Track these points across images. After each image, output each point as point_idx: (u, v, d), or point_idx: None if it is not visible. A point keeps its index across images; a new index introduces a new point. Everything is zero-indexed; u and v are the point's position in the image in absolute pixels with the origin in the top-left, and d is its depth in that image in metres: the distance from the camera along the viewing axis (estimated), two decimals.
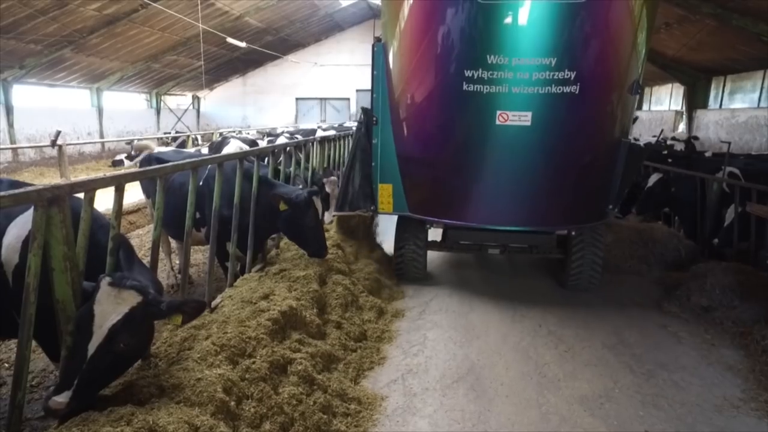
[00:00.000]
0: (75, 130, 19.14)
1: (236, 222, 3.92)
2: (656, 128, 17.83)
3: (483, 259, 6.10)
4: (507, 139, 4.15)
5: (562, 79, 3.92)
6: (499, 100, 4.06)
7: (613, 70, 4.16)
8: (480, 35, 4.00)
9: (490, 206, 4.50)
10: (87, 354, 2.02)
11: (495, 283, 5.23)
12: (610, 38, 4.04)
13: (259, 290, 3.49)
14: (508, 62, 3.93)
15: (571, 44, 3.94)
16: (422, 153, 4.62)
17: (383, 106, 4.78)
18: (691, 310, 4.44)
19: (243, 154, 4.12)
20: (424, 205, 4.79)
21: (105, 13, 14.15)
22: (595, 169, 4.51)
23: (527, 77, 3.95)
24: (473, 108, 4.17)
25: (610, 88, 4.23)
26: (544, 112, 4.05)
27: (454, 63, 4.16)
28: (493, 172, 4.36)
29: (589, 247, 4.81)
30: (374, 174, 4.89)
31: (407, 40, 4.42)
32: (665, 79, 16.56)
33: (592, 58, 4.02)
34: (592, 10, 3.85)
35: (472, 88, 4.07)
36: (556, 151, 4.25)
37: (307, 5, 20.56)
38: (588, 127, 4.28)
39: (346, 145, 8.32)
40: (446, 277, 5.33)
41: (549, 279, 5.39)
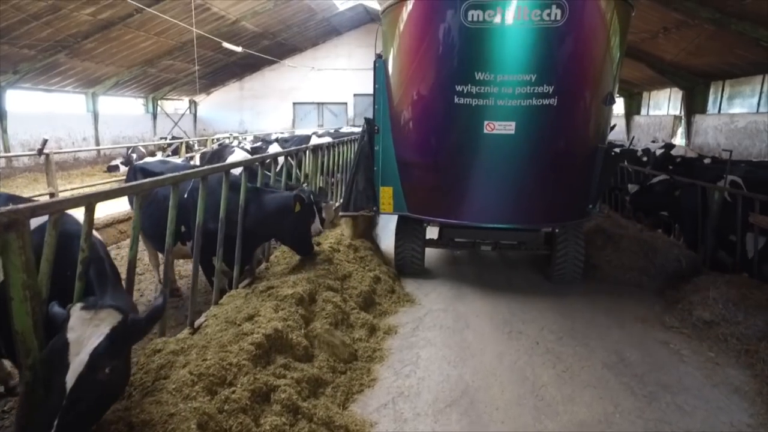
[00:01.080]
0: (70, 135, 19.01)
1: (222, 236, 3.78)
2: (655, 132, 17.77)
3: (480, 271, 5.96)
4: (494, 146, 4.67)
5: (541, 92, 4.45)
6: (487, 111, 4.57)
7: (587, 84, 4.72)
8: (468, 55, 4.54)
9: (481, 206, 4.95)
10: (65, 389, 1.81)
11: (492, 297, 5.08)
12: (583, 56, 4.60)
13: (244, 310, 3.35)
14: (493, 78, 4.46)
15: (549, 62, 4.46)
16: (419, 158, 5.13)
17: (384, 116, 5.31)
18: (694, 324, 4.30)
19: (228, 167, 3.98)
20: (421, 206, 5.27)
21: (99, 18, 14.04)
22: (575, 173, 5.00)
23: (511, 91, 4.48)
24: (464, 119, 4.68)
25: (585, 100, 4.76)
26: (527, 122, 4.56)
27: (446, 79, 4.67)
28: (482, 176, 4.85)
29: (572, 243, 5.31)
30: (376, 177, 5.42)
31: (404, 57, 4.98)
32: (663, 84, 16.49)
33: (568, 74, 4.55)
34: (567, 32, 4.38)
35: (462, 101, 4.60)
36: (538, 156, 4.75)
37: (304, 10, 20.49)
38: (566, 135, 4.79)
39: (341, 152, 8.17)
40: (442, 293, 5.18)
41: (547, 292, 5.24)
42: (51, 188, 7.18)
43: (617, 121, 21.30)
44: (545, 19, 4.29)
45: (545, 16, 4.28)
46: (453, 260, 6.41)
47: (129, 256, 2.73)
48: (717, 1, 8.66)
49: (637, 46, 13.14)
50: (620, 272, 5.62)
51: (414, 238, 5.48)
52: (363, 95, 26.47)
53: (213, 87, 27.10)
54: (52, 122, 17.97)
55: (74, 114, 19.35)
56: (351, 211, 5.53)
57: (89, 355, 1.87)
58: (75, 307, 2.00)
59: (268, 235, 4.47)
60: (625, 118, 20.03)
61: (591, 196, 5.18)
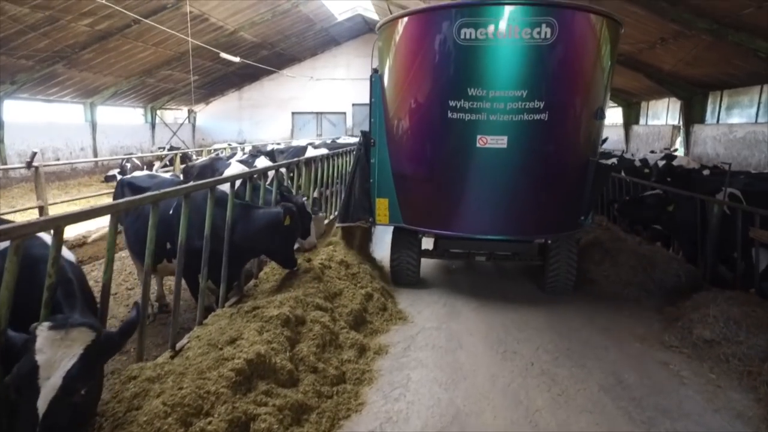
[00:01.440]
0: (68, 145, 18.99)
1: (207, 254, 3.67)
2: (654, 143, 17.71)
3: (475, 285, 5.84)
4: (487, 160, 4.78)
5: (532, 108, 4.55)
6: (479, 126, 4.67)
7: (577, 100, 4.85)
8: (461, 71, 4.65)
9: (475, 218, 5.03)
10: (38, 414, 1.72)
11: (486, 313, 4.96)
12: (573, 73, 4.72)
13: (228, 331, 3.23)
14: (485, 94, 4.57)
15: (540, 79, 4.58)
16: (414, 171, 5.23)
17: (380, 129, 5.43)
18: (694, 344, 4.16)
19: (213, 182, 3.89)
20: (416, 217, 5.35)
21: (97, 28, 14.07)
22: (566, 185, 5.10)
23: (503, 107, 4.58)
24: (457, 133, 4.79)
25: (576, 115, 4.87)
26: (518, 137, 4.68)
27: (440, 94, 4.79)
28: (476, 188, 4.95)
29: (564, 253, 5.37)
30: (372, 189, 5.51)
31: (399, 73, 5.13)
32: (661, 94, 16.47)
33: (558, 90, 4.68)
34: (557, 50, 4.50)
35: (455, 116, 4.70)
36: (530, 169, 4.87)
37: (302, 20, 20.59)
38: (557, 148, 4.91)
39: (336, 164, 8.09)
40: (435, 310, 5.05)
41: (544, 309, 5.12)
42: (40, 201, 7.09)
43: (616, 131, 21.31)
44: (535, 37, 4.39)
45: (535, 34, 4.38)
46: (448, 273, 6.29)
47: (103, 280, 2.62)
48: (714, 13, 8.63)
49: (635, 57, 13.13)
50: (618, 287, 5.50)
51: (409, 250, 5.54)
52: (361, 105, 26.50)
53: (212, 97, 27.18)
54: (49, 132, 17.96)
55: (72, 124, 19.35)
56: (348, 221, 5.61)
57: (63, 379, 1.79)
58: (42, 327, 1.89)
59: (257, 251, 4.38)
60: (624, 128, 20.00)
61: (583, 208, 5.26)
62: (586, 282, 5.68)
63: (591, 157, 5.11)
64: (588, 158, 5.08)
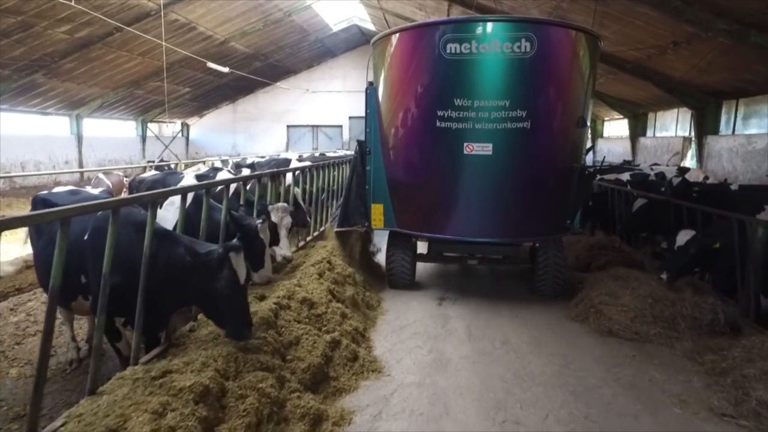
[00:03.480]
0: (51, 158, 18.28)
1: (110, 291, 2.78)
2: (662, 155, 16.84)
3: (470, 321, 4.89)
4: (473, 166, 5.05)
5: (515, 116, 4.85)
6: (466, 134, 4.96)
7: (557, 109, 5.13)
8: (448, 83, 4.95)
9: (465, 221, 5.23)
10: None
11: (482, 363, 4.00)
12: (553, 84, 5.03)
13: (113, 412, 2.30)
14: (471, 104, 4.87)
15: (521, 89, 4.89)
16: (407, 177, 5.52)
17: (375, 138, 5.71)
18: (755, 412, 3.18)
19: (129, 201, 3.00)
20: (410, 222, 5.58)
21: (77, 36, 13.42)
22: (551, 190, 5.28)
23: (487, 116, 4.88)
24: (445, 141, 5.06)
25: (557, 123, 5.15)
26: (502, 144, 4.97)
27: (429, 105, 5.10)
28: (464, 193, 5.20)
29: (552, 256, 5.50)
30: (368, 195, 5.75)
31: (391, 85, 5.45)
32: (671, 104, 15.65)
33: (539, 100, 4.99)
34: (537, 62, 4.80)
35: (443, 125, 4.99)
36: (515, 174, 5.11)
37: (296, 30, 20.00)
38: (540, 155, 5.15)
39: (322, 176, 7.25)
40: (419, 357, 4.11)
41: (555, 355, 4.17)
42: None
43: (622, 144, 20.47)
44: (516, 51, 4.71)
45: (516, 48, 4.70)
46: (438, 308, 5.35)
47: None
48: (736, 11, 7.82)
49: (644, 64, 12.33)
50: (642, 326, 4.54)
51: (404, 253, 5.71)
52: (358, 118, 25.73)
53: (206, 109, 26.56)
54: (31, 145, 17.25)
55: (57, 136, 18.66)
56: (346, 226, 5.82)
57: None
58: None
59: (182, 301, 3.37)
60: (630, 140, 19.14)
61: (569, 212, 5.43)
62: (602, 318, 4.73)
63: (574, 163, 5.30)
64: (571, 164, 5.26)
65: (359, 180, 5.75)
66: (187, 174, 5.73)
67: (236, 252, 3.04)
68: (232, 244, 3.11)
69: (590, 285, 5.23)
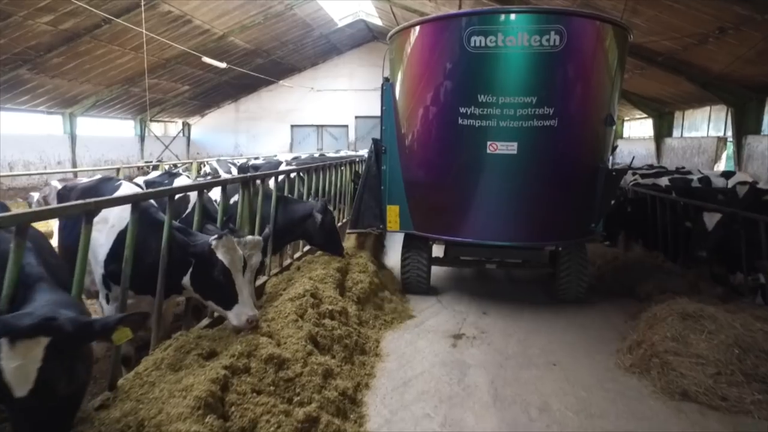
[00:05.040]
0: (42, 158, 17.49)
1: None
2: (692, 157, 15.57)
3: (494, 397, 3.79)
4: (497, 166, 4.79)
5: (542, 114, 4.59)
6: (489, 132, 4.69)
7: (586, 106, 4.89)
8: (471, 78, 4.70)
9: (485, 224, 5.01)
10: None
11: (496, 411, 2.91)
12: (582, 79, 4.78)
13: None
14: (495, 101, 4.60)
15: (549, 85, 4.65)
16: (425, 177, 5.26)
17: (391, 136, 5.46)
18: None
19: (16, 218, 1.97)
20: (427, 224, 5.36)
21: (61, 28, 12.54)
22: (577, 191, 5.06)
23: (512, 113, 4.61)
24: (467, 139, 4.79)
25: (585, 121, 4.91)
26: (528, 143, 4.69)
27: (451, 101, 4.85)
28: (486, 194, 4.96)
29: (575, 260, 5.35)
30: (383, 196, 5.54)
31: (410, 81, 5.17)
32: (701, 101, 14.39)
33: (567, 97, 4.77)
34: (566, 57, 4.55)
35: (466, 122, 4.73)
36: (540, 175, 4.85)
37: (299, 25, 19.01)
38: (567, 154, 4.90)
39: (312, 182, 6.19)
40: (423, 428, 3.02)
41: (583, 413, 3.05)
42: None
43: (645, 145, 19.17)
44: (544, 44, 4.43)
45: (544, 41, 4.42)
46: (452, 351, 4.26)
47: None
48: None
49: (677, 56, 11.12)
50: (730, 389, 3.36)
51: (420, 257, 5.51)
52: (365, 117, 24.83)
53: (207, 109, 25.71)
54: (20, 144, 16.44)
55: (49, 136, 17.88)
56: (359, 228, 5.65)
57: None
58: None
59: None
60: (655, 141, 17.85)
61: (594, 215, 5.21)
62: (670, 372, 3.58)
63: (601, 163, 5.09)
64: (598, 164, 5.05)
65: (374, 180, 5.54)
66: (124, 182, 4.29)
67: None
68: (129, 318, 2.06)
69: (647, 324, 4.10)
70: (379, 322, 4.52)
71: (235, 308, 2.81)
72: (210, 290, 2.92)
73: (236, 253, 2.86)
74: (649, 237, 7.25)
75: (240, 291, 2.79)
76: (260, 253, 3.30)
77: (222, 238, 2.85)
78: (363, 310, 4.47)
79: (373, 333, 4.28)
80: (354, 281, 4.62)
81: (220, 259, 2.78)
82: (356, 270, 4.87)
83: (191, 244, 2.94)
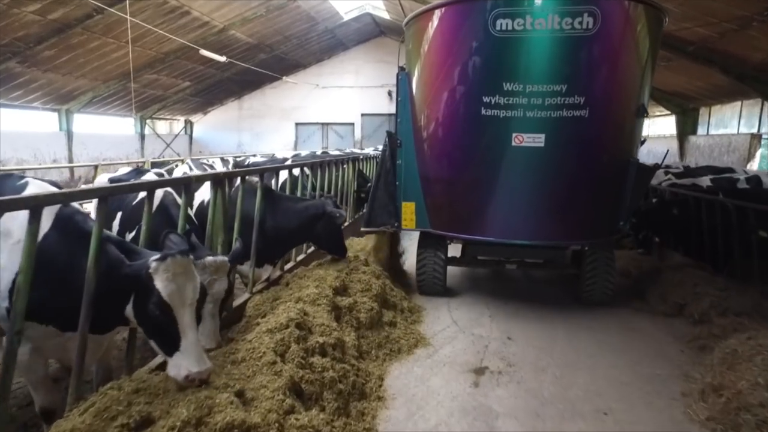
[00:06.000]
0: (36, 156, 16.91)
1: None
2: (721, 156, 14.57)
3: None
4: (522, 159, 4.51)
5: (572, 103, 4.29)
6: (515, 123, 4.39)
7: (619, 95, 4.59)
8: (497, 65, 4.42)
9: (507, 222, 4.76)
10: None
11: None
12: (616, 66, 4.46)
13: None
14: (522, 89, 4.30)
15: (580, 72, 4.37)
16: (444, 172, 4.96)
17: (407, 129, 5.17)
18: None
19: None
20: (445, 222, 5.09)
21: (50, 18, 11.87)
22: (606, 187, 4.78)
23: (540, 102, 4.31)
24: (491, 131, 4.52)
25: (618, 111, 4.63)
26: (557, 134, 4.40)
27: (473, 90, 4.55)
28: (509, 190, 4.68)
29: (602, 261, 5.07)
30: (398, 192, 5.27)
31: (429, 68, 4.89)
32: (732, 95, 13.40)
33: (600, 85, 4.47)
34: (599, 41, 4.24)
35: (489, 112, 4.43)
36: (568, 170, 4.58)
37: (303, 18, 18.25)
38: (597, 147, 4.64)
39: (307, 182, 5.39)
40: None
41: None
42: None
43: (666, 143, 18.15)
44: (576, 27, 4.13)
45: (576, 24, 4.12)
46: (474, 392, 3.43)
47: None
48: None
49: (711, 45, 10.18)
50: None
51: (436, 257, 5.26)
52: (372, 115, 24.06)
53: (210, 106, 25.08)
54: (14, 142, 15.84)
55: (44, 133, 17.31)
56: (372, 226, 5.44)
57: None
58: None
59: None
60: (678, 138, 16.85)
61: (623, 213, 4.97)
62: (763, 430, 2.73)
63: (631, 157, 4.83)
64: (629, 158, 4.81)
65: (388, 176, 5.28)
66: (31, 180, 3.07)
67: None
68: None
69: (725, 363, 3.23)
70: (383, 352, 3.71)
71: (175, 356, 2.01)
72: (150, 327, 2.14)
73: (185, 280, 2.07)
74: (691, 244, 6.38)
75: (184, 333, 1.99)
76: (226, 277, 2.51)
77: (166, 259, 2.05)
78: (364, 337, 3.65)
79: (376, 367, 3.46)
80: (354, 302, 3.80)
81: (156, 288, 1.98)
82: (358, 288, 4.05)
83: (127, 264, 2.15)
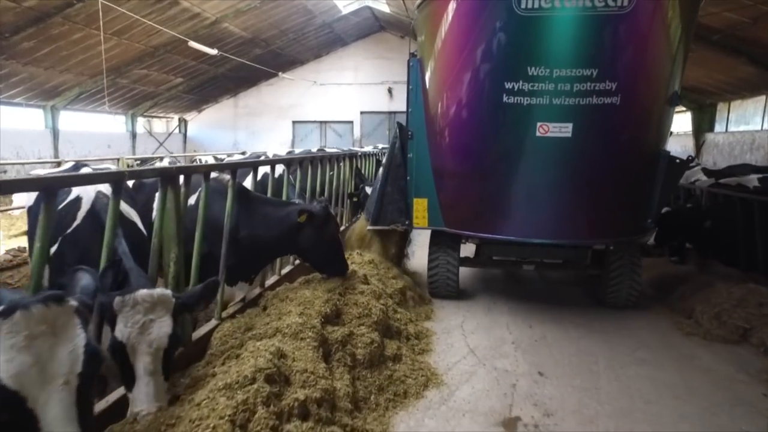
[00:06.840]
0: (19, 155, 16.11)
1: None
2: (742, 155, 13.77)
3: None
4: (547, 151, 4.21)
5: (603, 90, 3.97)
6: (540, 111, 4.10)
7: (654, 81, 4.25)
8: (520, 47, 4.08)
9: (528, 220, 4.51)
10: None
11: None
12: (651, 49, 4.11)
13: None
14: (549, 74, 3.98)
15: (613, 55, 4.05)
16: (460, 166, 4.71)
17: (418, 120, 4.88)
18: None
19: None
20: (460, 220, 4.84)
21: (25, 5, 11.05)
22: (635, 182, 4.54)
23: (568, 88, 4.00)
24: (513, 120, 4.22)
25: (651, 99, 4.31)
26: (585, 124, 4.10)
27: (495, 75, 4.22)
28: (531, 185, 4.39)
29: (628, 261, 4.85)
30: (409, 188, 5.03)
31: (446, 54, 4.53)
32: (755, 89, 12.61)
33: (633, 69, 4.10)
34: (634, 21, 3.90)
35: (512, 100, 4.12)
36: (597, 162, 4.30)
37: (300, 11, 17.44)
38: (628, 138, 4.33)
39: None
40: None
41: None
42: None
43: (680, 141, 17.33)
44: (610, 5, 3.77)
45: (610, 1, 3.76)
46: None
47: None
48: None
49: (739, 32, 9.37)
50: None
51: (449, 257, 5.00)
52: (371, 113, 23.26)
53: (204, 104, 24.26)
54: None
55: (28, 131, 16.52)
56: (380, 225, 5.18)
57: None
58: None
59: None
60: (694, 136, 16.06)
61: (651, 210, 4.64)
62: None
63: (663, 149, 4.53)
64: (660, 151, 4.51)
65: (398, 170, 5.07)
66: None
67: None
68: None
69: None
70: (385, 398, 2.88)
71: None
72: None
73: (49, 345, 1.26)
74: (738, 253, 5.58)
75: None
76: (169, 318, 1.71)
77: (12, 314, 1.24)
78: (361, 378, 2.82)
79: (376, 421, 2.64)
80: (350, 333, 2.97)
81: None
82: (355, 313, 3.21)
83: None
